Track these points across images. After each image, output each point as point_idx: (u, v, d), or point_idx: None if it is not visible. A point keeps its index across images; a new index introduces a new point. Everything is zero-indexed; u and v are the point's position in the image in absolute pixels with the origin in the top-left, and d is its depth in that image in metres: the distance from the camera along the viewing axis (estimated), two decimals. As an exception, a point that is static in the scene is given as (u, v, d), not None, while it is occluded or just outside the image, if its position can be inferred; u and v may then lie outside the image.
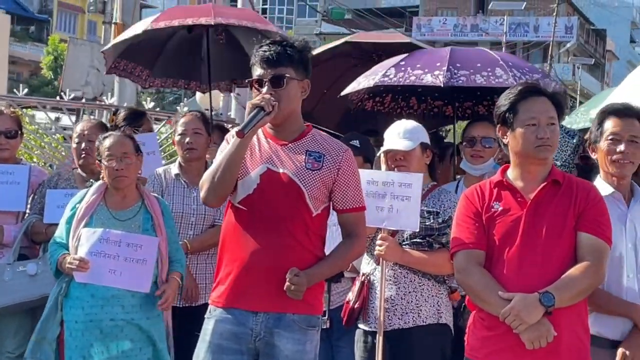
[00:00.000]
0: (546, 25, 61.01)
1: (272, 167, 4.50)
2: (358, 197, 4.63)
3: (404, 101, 7.29)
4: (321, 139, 4.61)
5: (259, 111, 4.36)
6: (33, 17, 62.08)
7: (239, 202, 4.52)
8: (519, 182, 4.42)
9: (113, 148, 5.51)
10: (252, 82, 4.52)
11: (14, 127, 6.45)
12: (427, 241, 5.37)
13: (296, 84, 4.51)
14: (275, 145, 4.55)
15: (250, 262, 4.45)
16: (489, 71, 6.42)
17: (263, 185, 4.48)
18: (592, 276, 4.25)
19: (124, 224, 5.53)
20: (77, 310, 5.42)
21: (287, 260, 4.43)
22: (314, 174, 4.49)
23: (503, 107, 4.44)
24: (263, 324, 4.47)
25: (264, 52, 4.47)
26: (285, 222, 4.46)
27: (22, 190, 6.28)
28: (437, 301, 5.41)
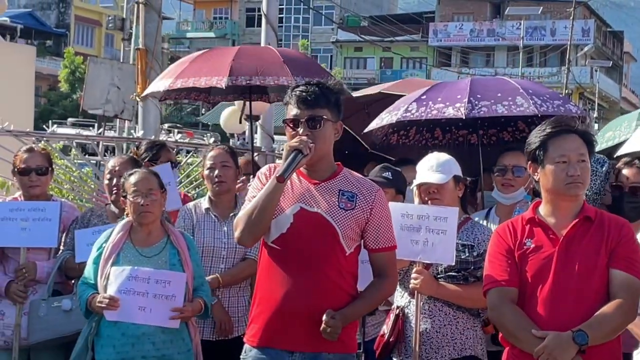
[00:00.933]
0: (563, 28, 60.99)
1: (306, 206, 4.51)
2: (390, 237, 4.64)
3: (429, 132, 7.28)
4: (353, 179, 4.63)
5: (297, 154, 4.37)
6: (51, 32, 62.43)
7: (273, 242, 4.54)
8: (550, 218, 4.43)
9: (139, 184, 5.54)
10: (287, 121, 4.53)
11: (44, 164, 6.48)
12: (462, 274, 5.37)
13: (330, 125, 4.53)
14: (308, 184, 4.56)
15: (284, 302, 4.46)
16: (509, 100, 6.41)
17: (297, 225, 4.49)
18: (625, 314, 4.24)
19: (150, 260, 5.54)
20: (108, 349, 5.43)
21: (321, 300, 4.44)
22: (347, 213, 4.50)
23: (534, 144, 4.45)
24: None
25: (301, 92, 4.50)
26: (319, 261, 4.47)
27: (54, 227, 6.28)
28: (472, 334, 5.40)
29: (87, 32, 66.70)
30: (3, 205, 6.54)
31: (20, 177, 6.45)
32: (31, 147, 6.71)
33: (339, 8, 66.98)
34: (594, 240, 4.33)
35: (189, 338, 5.56)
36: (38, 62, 53.63)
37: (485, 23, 66.79)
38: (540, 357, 4.15)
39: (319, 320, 4.39)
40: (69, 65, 50.59)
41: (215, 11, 76.11)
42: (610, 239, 4.32)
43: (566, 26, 56.31)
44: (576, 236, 4.35)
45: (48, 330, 6.08)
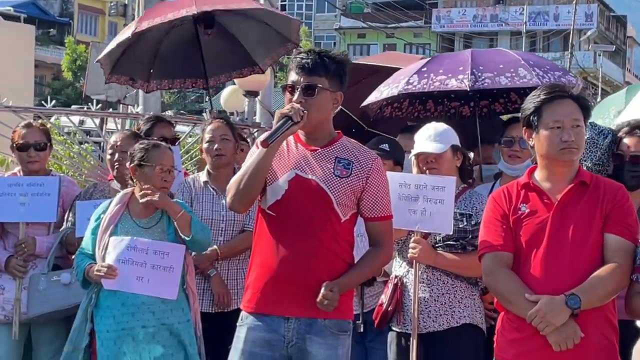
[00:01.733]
0: (566, 13, 60.77)
1: (301, 173, 4.51)
2: (386, 206, 4.63)
3: (421, 104, 7.29)
4: (351, 146, 4.61)
5: (286, 121, 4.37)
6: (54, 21, 62.37)
7: (269, 208, 4.54)
8: (545, 183, 4.43)
9: (165, 159, 5.60)
10: (286, 87, 4.52)
11: (43, 140, 6.48)
12: (460, 243, 5.38)
13: (328, 95, 4.50)
14: (305, 150, 4.56)
15: (279, 268, 4.47)
16: (512, 72, 6.42)
17: (292, 191, 4.50)
18: (619, 278, 4.25)
19: (148, 231, 5.56)
20: (108, 319, 5.45)
21: (316, 266, 4.45)
22: (342, 181, 4.50)
23: (528, 110, 4.45)
24: (295, 330, 4.48)
25: (301, 59, 4.49)
26: (314, 228, 4.47)
27: (53, 202, 6.29)
28: (470, 303, 5.42)
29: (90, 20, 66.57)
30: (2, 180, 6.54)
31: (19, 153, 6.46)
32: (29, 122, 6.71)
33: (342, -6, 66.93)
34: (588, 205, 4.34)
35: (188, 308, 5.57)
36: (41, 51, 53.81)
37: (488, 9, 66.61)
38: (533, 321, 4.17)
39: (314, 286, 4.41)
40: (71, 54, 50.56)
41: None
42: (605, 203, 4.33)
43: (569, 11, 56.12)
44: (571, 201, 4.35)
45: (47, 304, 6.09)
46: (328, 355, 4.50)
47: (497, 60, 6.67)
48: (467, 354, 5.39)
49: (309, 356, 4.49)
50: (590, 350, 4.22)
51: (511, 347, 4.37)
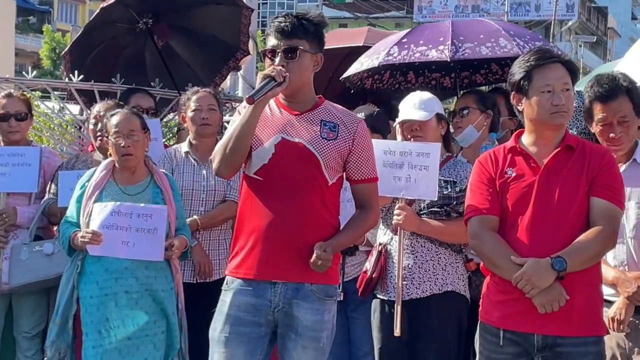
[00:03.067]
0: (547, 3, 60.99)
1: (287, 136, 4.49)
2: (372, 168, 4.63)
3: (402, 76, 7.29)
4: (335, 110, 4.62)
5: (270, 81, 4.36)
6: (34, 9, 62.11)
7: (255, 173, 4.52)
8: (533, 147, 4.42)
9: (120, 125, 5.53)
10: (266, 52, 4.51)
11: (23, 110, 6.45)
12: (444, 210, 5.37)
13: (309, 57, 4.51)
14: (289, 115, 4.55)
15: (267, 231, 4.45)
16: (492, 42, 6.43)
17: (278, 155, 4.48)
18: (604, 240, 4.25)
19: (133, 198, 5.54)
20: (91, 285, 5.44)
21: (304, 229, 4.44)
22: (329, 143, 4.49)
23: (518, 74, 4.42)
24: (282, 295, 4.47)
25: (279, 23, 4.48)
26: (302, 191, 4.46)
27: (34, 172, 6.25)
28: (454, 270, 5.42)
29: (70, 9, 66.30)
30: (-19, 150, 6.49)
31: (0, 123, 6.41)
32: (10, 92, 6.67)
33: (324, -16, 66.87)
34: (574, 169, 4.33)
35: (171, 277, 5.56)
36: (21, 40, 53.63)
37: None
38: (518, 284, 4.16)
39: (303, 249, 4.41)
40: (49, 42, 50.38)
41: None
42: (591, 167, 4.32)
43: (550, 1, 56.38)
44: (557, 165, 4.34)
45: (29, 274, 6.07)
46: (315, 320, 4.50)
47: (477, 30, 6.68)
48: (450, 321, 5.38)
49: (296, 321, 4.48)
50: (575, 313, 4.22)
51: (496, 309, 4.37)
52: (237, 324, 4.49)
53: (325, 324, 4.55)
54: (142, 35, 8.76)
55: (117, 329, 5.40)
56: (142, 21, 8.53)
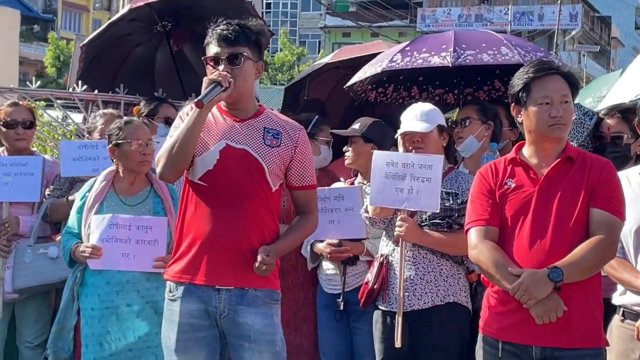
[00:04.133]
0: (551, 13, 60.93)
1: (231, 143, 4.56)
2: (312, 175, 4.73)
3: (406, 90, 7.27)
4: (276, 118, 4.71)
5: (216, 86, 4.42)
6: (38, 17, 62.17)
7: (199, 179, 4.57)
8: (533, 159, 4.43)
9: (140, 133, 5.57)
10: (208, 59, 4.57)
11: (29, 118, 6.52)
12: (446, 222, 5.37)
13: (251, 64, 4.58)
14: (232, 121, 4.62)
15: (211, 237, 4.51)
16: (494, 50, 6.43)
17: (223, 161, 4.54)
18: (602, 251, 4.24)
19: (134, 209, 5.56)
20: (93, 297, 5.45)
21: (248, 235, 4.51)
22: (272, 150, 4.57)
23: (517, 86, 4.43)
24: (226, 302, 4.52)
25: (222, 30, 4.54)
26: (247, 197, 4.53)
27: (37, 181, 6.27)
28: (455, 281, 5.42)
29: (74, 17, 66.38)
30: (-16, 160, 6.52)
31: (7, 131, 6.46)
32: (16, 101, 6.73)
33: (327, -7, 66.89)
34: (574, 180, 4.33)
35: (173, 287, 5.55)
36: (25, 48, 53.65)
37: (473, 8, 66.66)
38: (516, 294, 4.16)
39: (246, 254, 4.48)
40: (54, 50, 50.46)
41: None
42: (591, 178, 4.31)
43: (554, 11, 56.31)
44: (557, 176, 4.35)
45: (33, 276, 6.10)
46: (266, 323, 4.54)
47: (480, 39, 6.69)
48: (452, 332, 5.37)
49: (244, 327, 4.52)
50: (573, 324, 4.22)
51: (495, 321, 4.38)
52: (192, 330, 4.55)
53: (276, 328, 4.61)
54: (157, 37, 8.82)
55: (118, 341, 5.42)
56: (162, 23, 8.58)
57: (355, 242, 5.95)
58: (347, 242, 5.95)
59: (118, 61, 8.90)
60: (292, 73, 49.57)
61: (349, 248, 5.94)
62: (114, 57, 8.85)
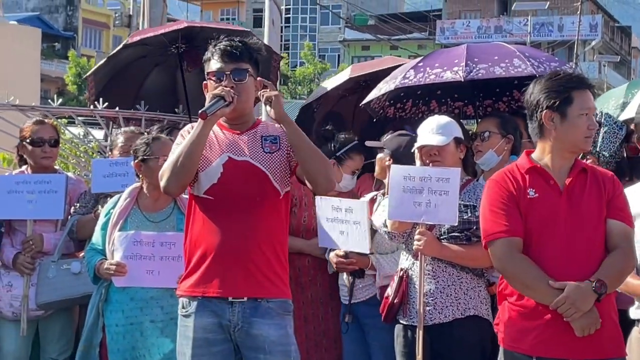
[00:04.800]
0: (570, 24, 60.82)
1: (233, 155, 4.63)
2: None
3: (425, 105, 7.29)
4: (272, 126, 4.75)
5: (219, 100, 4.48)
6: (59, 35, 62.48)
7: (205, 193, 4.61)
8: (548, 168, 4.43)
9: (168, 149, 5.59)
10: (211, 74, 4.62)
11: (55, 136, 6.60)
12: (465, 235, 5.37)
13: (252, 80, 4.63)
14: (231, 135, 4.68)
15: (221, 249, 4.54)
16: (507, 62, 6.45)
17: (227, 174, 4.60)
18: (630, 261, 4.32)
19: (158, 225, 5.59)
20: (117, 314, 5.49)
21: (258, 242, 4.56)
22: (272, 156, 4.63)
23: (559, 94, 4.39)
24: (240, 314, 4.54)
25: (225, 46, 4.60)
26: (254, 207, 4.57)
27: (60, 199, 6.34)
28: (476, 294, 5.41)
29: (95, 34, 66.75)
30: (9, 178, 6.63)
31: (33, 149, 6.52)
32: (41, 119, 6.82)
33: (346, 7, 66.90)
34: (593, 192, 4.37)
35: (197, 302, 5.59)
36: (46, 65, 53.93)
37: (492, 20, 66.64)
38: (560, 308, 4.17)
39: (257, 264, 4.53)
40: (75, 67, 50.75)
41: (223, 12, 76.10)
42: (606, 191, 4.37)
43: (573, 22, 56.14)
44: (577, 187, 4.37)
45: (56, 292, 6.14)
46: (280, 334, 4.57)
47: (492, 52, 6.71)
48: (473, 345, 5.37)
49: (259, 339, 4.54)
50: (604, 336, 4.26)
51: (525, 337, 4.34)
52: (207, 345, 4.58)
53: (290, 338, 4.63)
54: (174, 57, 8.89)
55: (143, 358, 5.45)
56: (175, 46, 8.67)
57: (361, 255, 5.98)
58: (353, 255, 5.98)
59: (138, 80, 9.00)
60: (312, 87, 49.63)
61: (354, 260, 5.98)
62: (134, 77, 8.97)
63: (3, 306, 6.31)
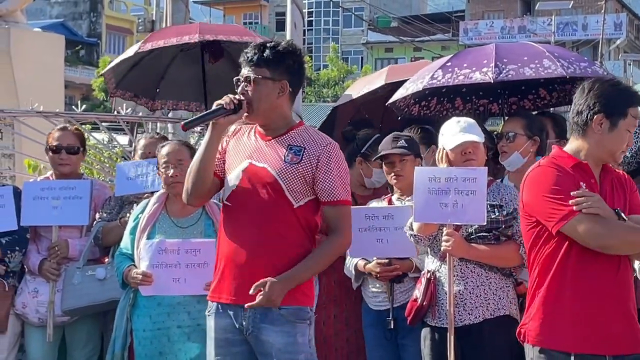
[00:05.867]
0: (595, 23, 60.52)
1: (254, 162, 4.62)
2: (338, 191, 4.61)
3: (449, 102, 7.25)
4: (306, 134, 4.68)
5: (218, 109, 4.50)
6: (82, 41, 62.78)
7: (226, 199, 4.65)
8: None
9: (169, 155, 5.62)
10: (237, 80, 4.64)
11: (75, 144, 6.54)
12: (493, 234, 5.34)
13: (270, 84, 4.58)
14: (260, 141, 4.67)
15: (235, 257, 4.57)
16: (536, 63, 6.39)
17: (245, 180, 4.60)
18: None
19: (186, 231, 5.58)
20: (144, 319, 5.48)
21: (268, 254, 4.52)
22: (292, 167, 4.57)
23: (614, 102, 4.41)
24: (250, 319, 4.55)
25: (246, 52, 4.62)
26: (267, 215, 4.54)
27: (85, 205, 6.34)
28: (505, 294, 5.38)
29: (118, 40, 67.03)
30: (34, 184, 6.63)
31: (52, 155, 6.54)
32: (65, 126, 6.82)
33: (369, 9, 66.90)
34: (620, 192, 4.45)
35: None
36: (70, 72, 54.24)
37: (516, 20, 66.41)
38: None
39: (268, 273, 4.47)
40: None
41: (245, 16, 76.14)
42: (627, 189, 4.49)
43: (598, 20, 55.92)
44: (608, 187, 4.43)
45: (81, 298, 6.12)
46: (287, 342, 4.54)
47: (521, 52, 6.65)
48: (503, 346, 5.31)
49: (266, 345, 4.54)
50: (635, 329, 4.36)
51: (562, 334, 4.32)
52: (227, 345, 4.62)
53: (299, 347, 4.58)
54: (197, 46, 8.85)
55: None
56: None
57: (402, 259, 5.93)
58: (395, 260, 5.92)
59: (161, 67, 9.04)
60: (337, 90, 49.62)
61: (398, 266, 5.90)
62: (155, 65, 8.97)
63: (29, 312, 6.31)
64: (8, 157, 10.21)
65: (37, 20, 50.52)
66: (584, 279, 4.28)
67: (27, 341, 6.42)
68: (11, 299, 6.33)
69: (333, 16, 71.35)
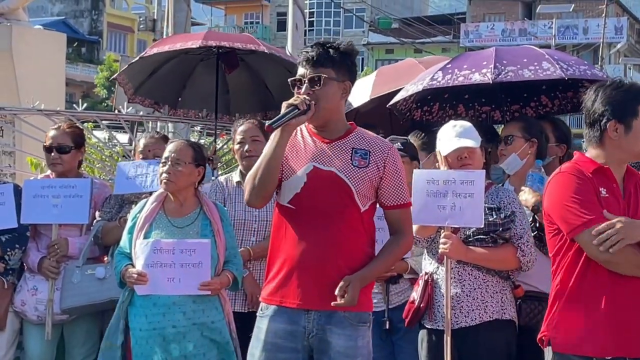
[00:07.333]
0: (595, 26, 60.54)
1: (319, 165, 4.56)
2: (404, 194, 4.66)
3: (452, 109, 7.26)
4: (367, 137, 4.67)
5: (293, 109, 4.43)
6: (84, 39, 62.85)
7: (288, 202, 4.59)
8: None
9: (170, 153, 5.60)
10: (294, 81, 4.59)
11: (67, 143, 6.47)
12: (490, 237, 5.36)
13: (335, 85, 4.56)
14: (320, 143, 4.62)
15: (300, 260, 4.52)
16: (535, 65, 6.41)
17: (310, 184, 4.55)
18: None
19: (182, 230, 5.58)
20: (140, 318, 5.50)
21: (336, 257, 4.50)
22: (360, 171, 4.55)
23: (623, 105, 4.42)
24: (315, 322, 4.53)
25: (307, 52, 4.57)
26: (334, 219, 4.51)
27: (85, 203, 6.34)
28: (502, 297, 5.40)
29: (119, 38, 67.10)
30: (35, 182, 6.64)
31: (46, 154, 6.55)
32: (59, 125, 6.78)
33: (370, 10, 66.90)
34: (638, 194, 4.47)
35: (220, 307, 5.59)
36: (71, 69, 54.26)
37: (517, 23, 66.37)
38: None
39: (335, 277, 4.46)
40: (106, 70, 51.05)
41: (247, 16, 76.15)
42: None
43: (599, 24, 55.98)
44: (632, 192, 4.46)
45: (81, 297, 6.14)
46: (348, 346, 4.54)
47: (521, 54, 6.69)
48: (500, 349, 5.36)
49: (330, 346, 4.53)
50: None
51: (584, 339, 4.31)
52: (275, 350, 4.57)
53: (358, 350, 4.59)
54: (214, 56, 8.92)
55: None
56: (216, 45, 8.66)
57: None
58: None
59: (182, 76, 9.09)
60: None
61: (392, 267, 5.92)
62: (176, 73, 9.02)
63: (28, 310, 6.32)
64: (9, 155, 10.25)
65: (39, 17, 50.65)
66: (607, 285, 4.27)
67: (26, 339, 6.43)
68: (10, 296, 6.35)
69: (334, 17, 71.30)
